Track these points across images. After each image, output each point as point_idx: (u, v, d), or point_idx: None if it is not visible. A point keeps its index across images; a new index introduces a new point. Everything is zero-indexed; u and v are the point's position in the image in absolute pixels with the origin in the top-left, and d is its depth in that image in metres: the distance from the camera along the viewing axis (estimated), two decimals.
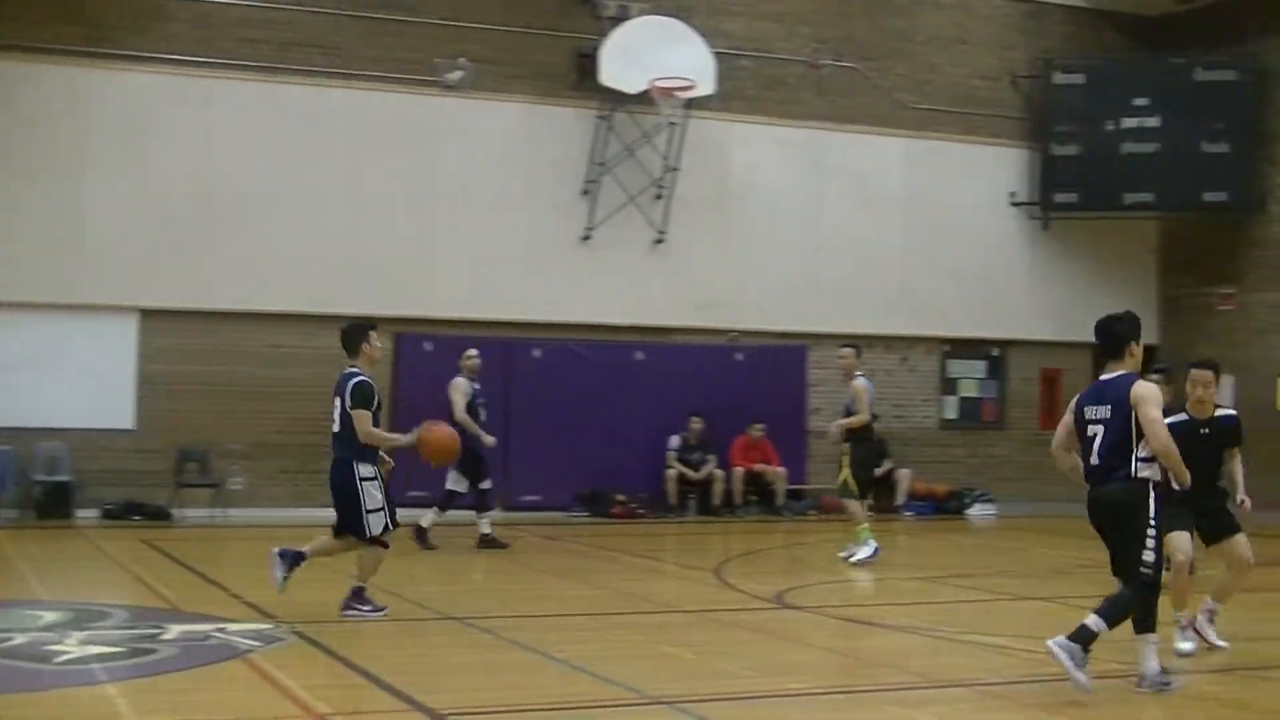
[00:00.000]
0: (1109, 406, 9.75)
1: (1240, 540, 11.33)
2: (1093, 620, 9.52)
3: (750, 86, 24.55)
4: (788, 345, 24.65)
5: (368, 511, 12.10)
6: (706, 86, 22.89)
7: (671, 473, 23.31)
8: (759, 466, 23.81)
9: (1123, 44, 27.17)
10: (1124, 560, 9.71)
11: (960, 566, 17.67)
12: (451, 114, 22.76)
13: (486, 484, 18.10)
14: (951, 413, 26.02)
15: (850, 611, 13.53)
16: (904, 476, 24.55)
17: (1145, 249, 27.24)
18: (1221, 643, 11.31)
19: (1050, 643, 9.50)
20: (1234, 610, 11.87)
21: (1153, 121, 25.38)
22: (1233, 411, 11.56)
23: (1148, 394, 9.64)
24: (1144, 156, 25.41)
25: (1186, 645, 11.08)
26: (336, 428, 12.25)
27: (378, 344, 12.55)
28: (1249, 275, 25.78)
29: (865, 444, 17.30)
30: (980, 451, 26.09)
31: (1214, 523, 11.23)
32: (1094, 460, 9.83)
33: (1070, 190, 25.86)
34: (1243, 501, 11.26)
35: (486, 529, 18.05)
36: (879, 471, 24.34)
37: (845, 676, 10.64)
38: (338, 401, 12.21)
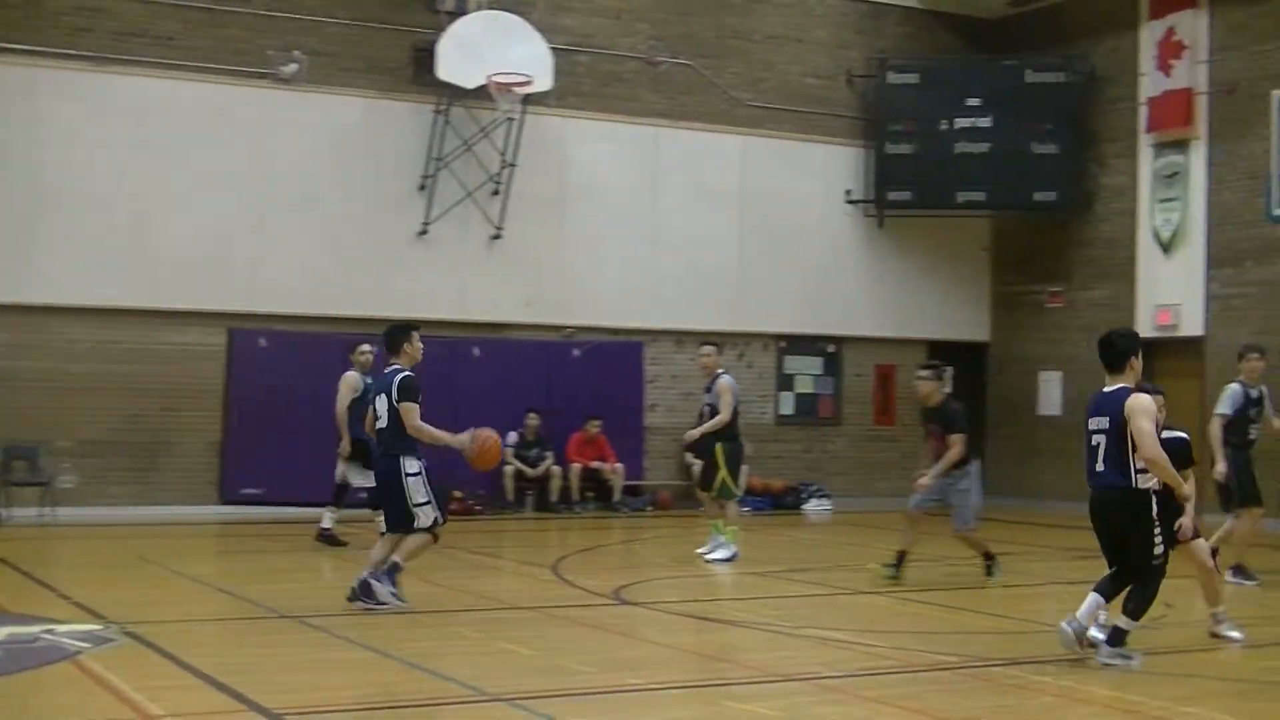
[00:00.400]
0: (1107, 418, 10.37)
1: (1199, 545, 11.66)
2: (1124, 621, 10.43)
3: (588, 83, 24.55)
4: (624, 342, 24.70)
5: (415, 505, 12.59)
6: (544, 82, 22.85)
7: (509, 469, 23.23)
8: (595, 463, 23.83)
9: (956, 45, 27.58)
10: (1135, 559, 10.49)
11: (797, 561, 17.81)
12: (286, 107, 22.49)
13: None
14: (788, 408, 26.22)
15: (688, 607, 13.58)
16: (741, 472, 24.63)
17: (977, 247, 27.69)
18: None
19: (1103, 659, 10.39)
20: (1044, 600, 12.06)
21: (985, 122, 25.81)
22: (1183, 434, 11.85)
23: (1139, 407, 10.27)
24: (976, 156, 25.82)
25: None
26: (384, 423, 12.73)
27: (419, 344, 13.15)
28: (1077, 273, 26.30)
29: (735, 442, 17.36)
30: (816, 447, 26.33)
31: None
32: (1097, 468, 10.48)
33: (904, 189, 26.18)
34: (1179, 528, 11.15)
35: (329, 524, 17.89)
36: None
37: (684, 671, 10.67)
38: (383, 398, 12.72)
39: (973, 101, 25.90)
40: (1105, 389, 10.59)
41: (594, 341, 24.35)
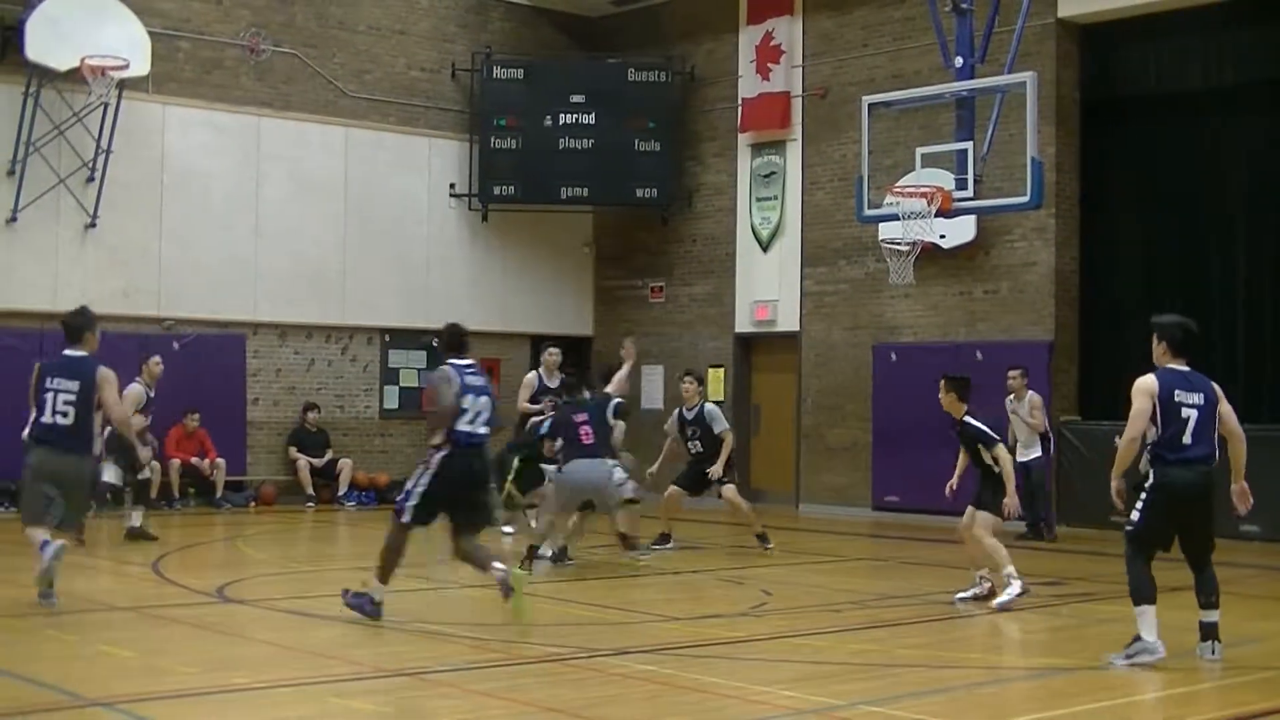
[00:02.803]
0: (1201, 394, 10.35)
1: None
2: (1214, 614, 10.42)
3: (187, 69, 23.96)
4: (226, 334, 24.20)
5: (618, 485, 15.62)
6: (140, 66, 22.19)
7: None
8: (195, 458, 23.28)
9: (560, 42, 27.89)
10: (1204, 543, 10.47)
11: (404, 556, 17.68)
12: None
13: (145, 475, 18.52)
14: (392, 402, 26.08)
15: (292, 604, 13.39)
16: (345, 466, 24.50)
17: (581, 242, 28.06)
18: None
19: (1209, 657, 10.41)
20: (647, 590, 12.31)
21: (588, 118, 26.13)
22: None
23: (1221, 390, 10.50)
24: (579, 152, 26.14)
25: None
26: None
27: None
28: (678, 269, 26.89)
29: None
30: (422, 441, 26.11)
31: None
32: (1186, 440, 10.29)
33: (508, 183, 26.31)
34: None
35: (137, 521, 18.02)
36: (320, 462, 24.29)
37: (289, 669, 10.51)
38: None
39: (576, 98, 26.21)
40: (1176, 368, 10.50)
41: (194, 334, 23.76)
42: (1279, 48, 21.43)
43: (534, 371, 20.61)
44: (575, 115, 26.19)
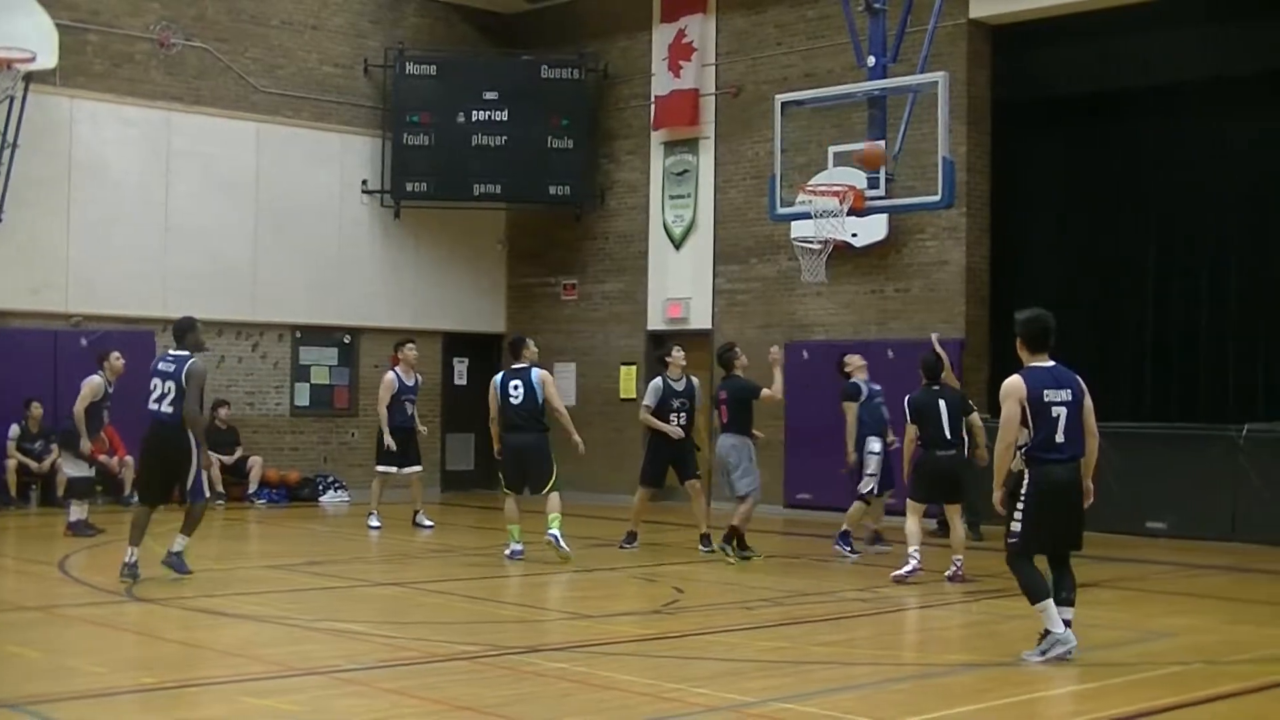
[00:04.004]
0: (1069, 390, 10.45)
1: None
2: (1071, 611, 10.55)
3: (97, 62, 23.68)
4: (136, 331, 23.90)
5: (868, 474, 17.08)
6: (48, 59, 21.91)
7: (11, 463, 22.22)
8: (103, 456, 22.99)
9: (474, 38, 27.80)
10: (1074, 540, 10.63)
11: (313, 554, 17.63)
12: None
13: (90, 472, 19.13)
14: (303, 400, 25.89)
15: (201, 602, 13.25)
16: (256, 464, 24.33)
17: (494, 239, 27.99)
18: None
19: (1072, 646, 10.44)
20: (558, 589, 12.28)
21: (501, 115, 26.02)
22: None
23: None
24: (492, 149, 26.03)
25: None
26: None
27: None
28: (591, 267, 26.86)
29: None
30: (333, 438, 26.12)
31: None
32: (1059, 439, 10.39)
33: (421, 179, 26.18)
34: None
35: (82, 514, 18.70)
36: (230, 459, 24.08)
37: (199, 668, 10.42)
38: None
39: (490, 95, 26.10)
40: (1044, 365, 10.63)
41: (102, 330, 23.49)
42: (1186, 50, 21.71)
43: (391, 372, 20.52)
44: (488, 112, 26.09)
